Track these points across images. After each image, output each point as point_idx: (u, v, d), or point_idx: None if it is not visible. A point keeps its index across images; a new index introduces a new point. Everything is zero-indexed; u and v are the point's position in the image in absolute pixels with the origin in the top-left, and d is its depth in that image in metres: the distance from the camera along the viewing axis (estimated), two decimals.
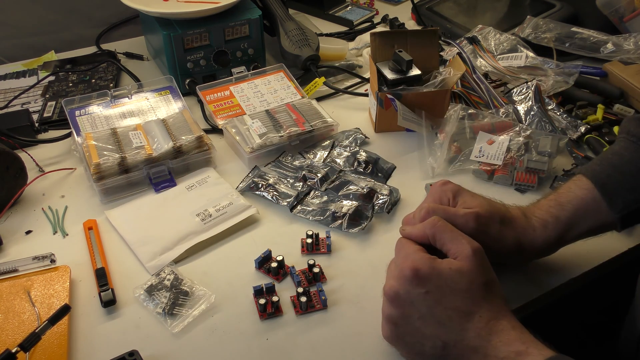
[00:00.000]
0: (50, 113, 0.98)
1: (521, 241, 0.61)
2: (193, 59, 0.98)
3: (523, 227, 0.61)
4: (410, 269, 0.52)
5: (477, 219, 0.58)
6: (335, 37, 1.18)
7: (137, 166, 0.80)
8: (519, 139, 0.81)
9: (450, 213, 0.58)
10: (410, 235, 0.56)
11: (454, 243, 0.53)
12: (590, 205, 0.61)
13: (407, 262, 0.52)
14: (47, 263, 0.69)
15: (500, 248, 0.60)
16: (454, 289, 0.51)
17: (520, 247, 0.61)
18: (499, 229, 0.59)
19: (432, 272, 0.51)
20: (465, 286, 0.51)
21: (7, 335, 0.60)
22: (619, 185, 0.60)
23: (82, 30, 1.23)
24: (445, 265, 0.52)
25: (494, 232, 0.59)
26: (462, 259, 0.52)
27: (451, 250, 0.53)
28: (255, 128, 0.86)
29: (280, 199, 0.77)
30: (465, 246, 0.52)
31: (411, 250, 0.54)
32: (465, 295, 0.51)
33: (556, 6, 1.16)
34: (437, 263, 0.52)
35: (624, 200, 0.60)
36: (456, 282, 0.51)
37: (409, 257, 0.53)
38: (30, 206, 0.79)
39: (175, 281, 0.66)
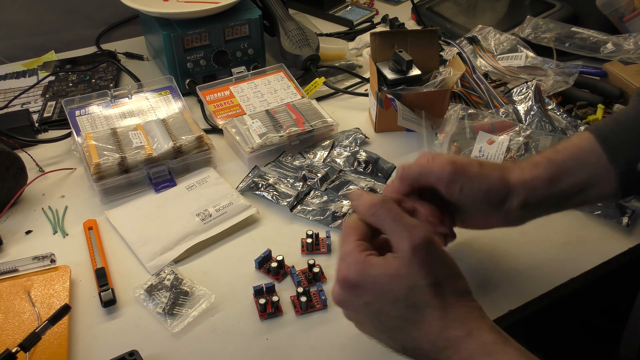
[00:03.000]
0: (50, 113, 0.98)
1: (507, 180, 0.55)
2: (193, 59, 0.98)
3: (508, 168, 0.56)
4: (342, 277, 0.47)
5: (452, 163, 0.54)
6: (335, 37, 1.18)
7: (137, 166, 0.80)
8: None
9: (425, 166, 0.54)
10: (357, 211, 0.50)
11: (394, 235, 0.46)
12: (589, 155, 0.55)
13: (341, 267, 0.47)
14: (47, 263, 0.69)
15: (484, 194, 0.54)
16: (394, 298, 0.45)
17: (507, 188, 0.55)
18: (478, 170, 0.54)
19: (366, 280, 0.45)
20: (404, 293, 0.45)
21: (7, 335, 0.60)
22: (621, 140, 0.55)
23: (82, 30, 1.23)
24: (379, 271, 0.45)
25: (473, 173, 0.54)
26: (400, 259, 0.45)
27: (392, 243, 0.46)
28: (255, 128, 0.86)
29: (280, 199, 0.77)
30: (404, 242, 0.44)
31: (347, 248, 0.48)
32: (407, 303, 0.45)
33: (556, 6, 1.16)
34: (371, 268, 0.46)
35: (626, 155, 0.54)
36: (394, 289, 0.45)
37: (343, 259, 0.48)
38: (30, 206, 0.79)
39: (175, 281, 0.66)
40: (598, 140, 0.55)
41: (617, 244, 0.71)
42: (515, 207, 0.55)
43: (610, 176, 0.55)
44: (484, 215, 0.57)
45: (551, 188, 0.55)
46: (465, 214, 0.58)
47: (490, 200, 0.55)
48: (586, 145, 0.56)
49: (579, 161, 0.55)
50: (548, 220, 0.74)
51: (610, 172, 0.54)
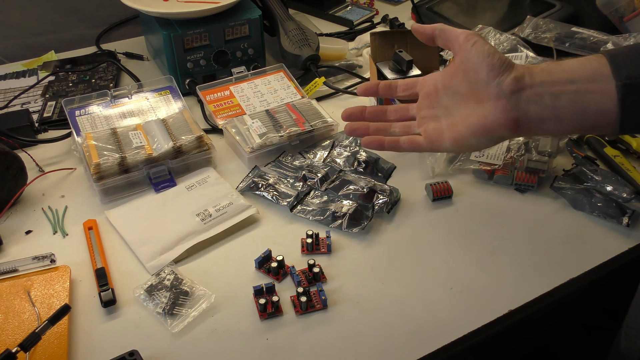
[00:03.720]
0: (50, 113, 0.98)
1: (510, 59, 0.56)
2: (193, 59, 0.98)
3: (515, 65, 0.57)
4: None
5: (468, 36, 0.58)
6: (335, 37, 1.18)
7: (137, 166, 0.80)
8: (519, 138, 0.81)
9: (447, 26, 0.60)
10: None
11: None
12: (593, 62, 0.54)
13: None
14: (47, 263, 0.69)
15: (490, 55, 0.56)
16: None
17: (508, 61, 0.56)
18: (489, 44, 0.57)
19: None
20: None
21: (7, 335, 0.60)
22: (628, 58, 0.53)
23: (82, 30, 1.23)
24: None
25: (485, 41, 0.58)
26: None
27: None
28: (255, 128, 0.86)
29: (280, 199, 0.77)
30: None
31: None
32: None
33: (556, 6, 1.16)
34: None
35: (630, 71, 0.52)
36: None
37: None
38: (30, 206, 0.79)
39: (175, 281, 0.66)
40: (605, 55, 0.54)
41: (617, 244, 0.71)
42: (510, 81, 0.55)
43: (609, 87, 0.52)
44: (478, 96, 0.57)
45: (549, 74, 0.55)
46: (457, 102, 0.60)
47: (492, 63, 0.55)
48: (593, 57, 0.54)
49: (582, 62, 0.54)
50: (548, 220, 0.74)
51: (611, 83, 0.52)
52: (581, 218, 0.75)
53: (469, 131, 0.58)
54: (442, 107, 0.62)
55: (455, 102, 0.60)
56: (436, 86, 0.63)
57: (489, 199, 0.78)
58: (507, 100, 0.55)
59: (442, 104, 0.62)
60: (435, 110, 0.63)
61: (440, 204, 0.78)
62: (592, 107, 0.53)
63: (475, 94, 0.58)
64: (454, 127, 0.60)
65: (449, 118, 0.61)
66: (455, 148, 0.60)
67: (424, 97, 0.64)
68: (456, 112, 0.60)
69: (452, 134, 0.60)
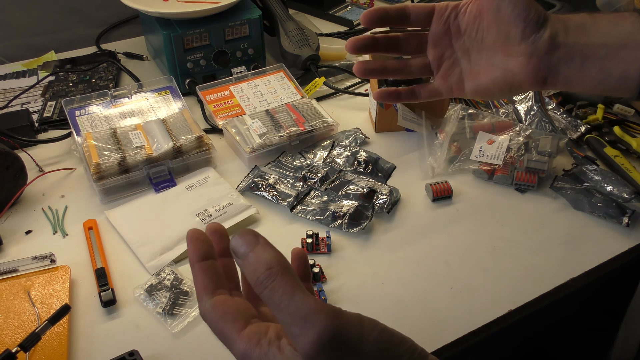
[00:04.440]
0: (50, 113, 0.98)
1: (546, 12, 0.52)
2: (193, 59, 0.98)
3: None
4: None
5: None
6: (335, 37, 1.18)
7: (137, 166, 0.80)
8: (519, 138, 0.82)
9: None
10: (243, 270, 0.35)
11: (291, 319, 0.32)
12: (627, 25, 0.51)
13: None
14: (47, 263, 0.69)
15: (526, 5, 0.51)
16: None
17: (545, 14, 0.52)
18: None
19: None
20: None
21: (7, 335, 0.60)
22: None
23: (82, 30, 1.23)
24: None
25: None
26: (299, 352, 0.32)
27: (289, 330, 0.32)
28: (255, 128, 0.86)
29: (280, 199, 0.77)
30: (307, 331, 0.31)
31: (240, 348, 0.34)
32: None
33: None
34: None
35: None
36: None
37: (234, 353, 0.35)
38: (30, 206, 0.79)
39: (175, 281, 0.66)
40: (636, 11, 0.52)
41: (617, 244, 0.71)
42: (545, 40, 0.51)
43: (638, 54, 0.50)
44: (507, 49, 0.53)
45: (583, 32, 0.51)
46: (480, 48, 0.55)
47: (529, 18, 0.51)
48: (627, 16, 0.52)
49: (616, 22, 0.51)
50: (548, 220, 0.74)
51: (637, 34, 0.50)
52: (581, 218, 0.75)
53: (493, 85, 0.55)
54: (462, 49, 0.57)
55: (478, 48, 0.55)
56: (458, 26, 0.57)
57: (489, 199, 0.78)
58: (540, 59, 0.52)
59: (462, 45, 0.56)
60: (452, 50, 0.57)
61: (440, 204, 0.78)
62: (617, 73, 0.51)
63: (504, 47, 0.53)
64: (476, 76, 0.56)
65: (469, 64, 0.56)
66: (474, 96, 0.58)
67: (442, 34, 0.57)
68: (478, 60, 0.56)
69: (473, 84, 0.56)
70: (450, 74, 0.57)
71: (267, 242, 0.35)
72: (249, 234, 0.35)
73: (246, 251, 0.34)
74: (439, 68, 0.58)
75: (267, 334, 0.34)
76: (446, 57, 0.58)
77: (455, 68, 0.57)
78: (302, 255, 0.44)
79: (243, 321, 0.35)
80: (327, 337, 0.31)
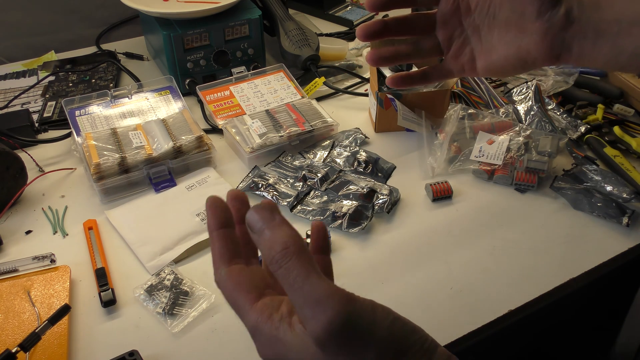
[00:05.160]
0: (50, 113, 0.98)
1: None
2: (193, 59, 0.98)
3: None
4: (262, 357, 0.36)
5: None
6: (335, 37, 1.18)
7: (137, 166, 0.80)
8: (519, 139, 0.81)
9: None
10: (259, 247, 0.35)
11: (304, 301, 0.32)
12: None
13: (255, 344, 0.35)
14: (47, 263, 0.69)
15: None
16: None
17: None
18: None
19: (276, 352, 0.34)
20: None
21: (7, 335, 0.60)
22: None
23: (82, 30, 1.23)
24: (298, 356, 0.33)
25: None
26: (314, 342, 0.32)
27: (300, 312, 0.32)
28: (255, 128, 0.86)
29: (280, 199, 0.77)
30: (311, 323, 0.31)
31: (251, 320, 0.35)
32: None
33: None
34: (288, 353, 0.33)
35: None
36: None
37: (252, 334, 0.35)
38: (30, 206, 0.79)
39: (175, 281, 0.66)
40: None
41: (617, 244, 0.71)
42: (561, 16, 0.50)
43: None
44: (521, 27, 0.51)
45: (597, 7, 0.50)
46: (491, 25, 0.53)
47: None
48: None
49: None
50: (548, 220, 0.74)
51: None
52: (581, 218, 0.75)
53: (507, 62, 0.54)
54: (471, 27, 0.55)
55: (489, 25, 0.54)
56: (468, 3, 0.54)
57: (489, 199, 0.78)
58: (555, 36, 0.51)
59: (472, 22, 0.55)
60: (462, 28, 0.55)
61: (440, 204, 0.78)
62: (629, 50, 0.50)
63: (517, 24, 0.52)
64: (488, 55, 0.55)
65: (479, 42, 0.55)
66: (487, 74, 0.56)
67: (451, 12, 0.55)
68: (489, 37, 0.54)
69: (485, 62, 0.55)
70: (461, 53, 0.56)
71: (283, 219, 0.34)
72: (265, 209, 0.34)
73: (262, 227, 0.34)
74: (449, 48, 0.57)
75: (280, 309, 0.34)
76: (456, 36, 0.56)
77: (465, 47, 0.56)
78: (322, 227, 0.44)
79: (256, 293, 0.35)
80: (339, 323, 0.31)
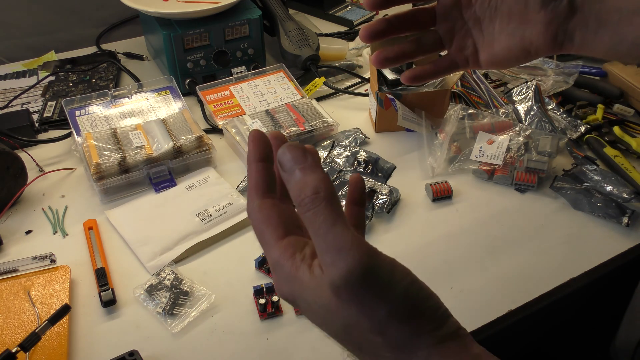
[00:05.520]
0: (50, 113, 0.98)
1: None
2: (193, 59, 0.98)
3: None
4: (277, 289, 0.37)
5: None
6: (335, 37, 1.18)
7: (137, 166, 0.80)
8: (518, 139, 0.81)
9: None
10: (287, 186, 0.34)
11: (326, 247, 0.32)
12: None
13: (273, 276, 0.37)
14: (47, 263, 0.69)
15: None
16: (334, 332, 0.36)
17: None
18: None
19: (301, 303, 0.35)
20: (342, 331, 0.35)
21: (7, 335, 0.60)
22: None
23: (82, 30, 1.23)
24: (312, 297, 0.34)
25: None
26: (329, 287, 0.32)
27: (321, 257, 0.33)
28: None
29: None
30: (330, 269, 0.32)
31: (274, 254, 0.35)
32: (352, 343, 0.36)
33: None
34: (303, 291, 0.34)
35: None
36: (329, 324, 0.35)
37: (272, 267, 0.36)
38: (30, 206, 0.79)
39: (175, 281, 0.66)
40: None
41: (617, 244, 0.71)
42: (565, 5, 0.49)
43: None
44: (524, 17, 0.51)
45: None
46: (492, 16, 0.53)
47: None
48: None
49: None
50: (548, 220, 0.74)
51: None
52: (581, 218, 0.75)
53: (510, 53, 0.53)
54: (472, 18, 0.55)
55: (490, 16, 0.53)
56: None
57: (489, 199, 0.78)
58: (559, 26, 0.50)
59: (473, 14, 0.54)
60: (463, 20, 0.55)
61: (440, 204, 0.78)
62: (629, 39, 0.49)
63: (521, 14, 0.52)
64: (490, 47, 0.54)
65: (481, 34, 0.54)
66: (490, 67, 0.56)
67: (451, 4, 0.55)
68: (491, 29, 0.54)
69: (488, 55, 0.55)
70: (464, 46, 0.56)
71: (316, 161, 0.34)
72: (298, 149, 0.34)
73: (293, 166, 0.34)
74: (452, 41, 0.56)
75: (303, 250, 0.35)
76: (457, 29, 0.56)
77: (467, 39, 0.55)
78: (360, 180, 0.44)
79: (284, 229, 0.36)
80: (357, 273, 0.31)
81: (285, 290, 0.36)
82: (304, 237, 0.36)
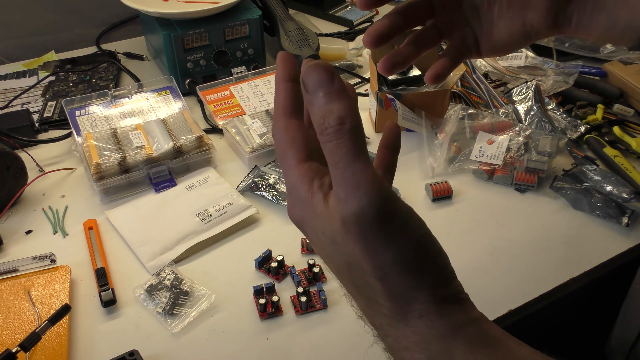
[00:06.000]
0: (50, 113, 0.98)
1: None
2: (193, 59, 0.98)
3: None
4: (288, 210, 0.36)
5: None
6: (335, 37, 1.18)
7: (137, 166, 0.80)
8: (518, 138, 0.82)
9: None
10: (308, 108, 0.32)
11: (343, 181, 0.31)
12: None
13: (288, 197, 0.36)
14: (47, 263, 0.69)
15: None
16: (337, 267, 0.36)
17: None
18: None
19: (308, 229, 0.35)
20: (345, 267, 0.34)
21: (7, 335, 0.60)
22: None
23: (82, 30, 1.23)
24: (320, 227, 0.33)
25: None
26: (338, 221, 0.31)
27: (336, 190, 0.31)
28: (255, 128, 0.86)
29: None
30: (352, 199, 0.30)
31: (292, 177, 0.34)
32: (352, 282, 0.35)
33: None
34: (314, 220, 0.34)
35: None
36: (333, 257, 0.35)
37: (289, 189, 0.35)
38: (31, 206, 0.79)
39: (175, 281, 0.66)
40: None
41: (617, 244, 0.71)
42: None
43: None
44: (524, 2, 0.51)
45: None
46: (491, 3, 0.52)
47: None
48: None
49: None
50: (548, 220, 0.74)
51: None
52: (581, 218, 0.75)
53: (511, 39, 0.53)
54: (470, 7, 0.54)
55: (488, 3, 0.53)
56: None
57: (489, 199, 0.78)
58: (559, 9, 0.50)
59: (471, 3, 0.54)
60: (461, 10, 0.54)
61: (440, 204, 0.78)
62: (623, 22, 0.50)
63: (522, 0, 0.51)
64: (490, 34, 0.54)
65: (479, 22, 0.54)
66: (491, 55, 0.56)
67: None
68: (489, 16, 0.53)
69: (489, 43, 0.54)
70: (465, 35, 0.55)
71: (343, 87, 0.31)
72: (324, 70, 0.31)
73: (316, 88, 0.31)
74: (452, 32, 0.55)
75: (322, 179, 0.34)
76: (455, 19, 0.55)
77: (466, 29, 0.55)
78: (396, 128, 0.43)
79: (306, 153, 0.34)
80: (369, 215, 0.30)
81: (296, 214, 0.35)
82: (326, 168, 0.34)
